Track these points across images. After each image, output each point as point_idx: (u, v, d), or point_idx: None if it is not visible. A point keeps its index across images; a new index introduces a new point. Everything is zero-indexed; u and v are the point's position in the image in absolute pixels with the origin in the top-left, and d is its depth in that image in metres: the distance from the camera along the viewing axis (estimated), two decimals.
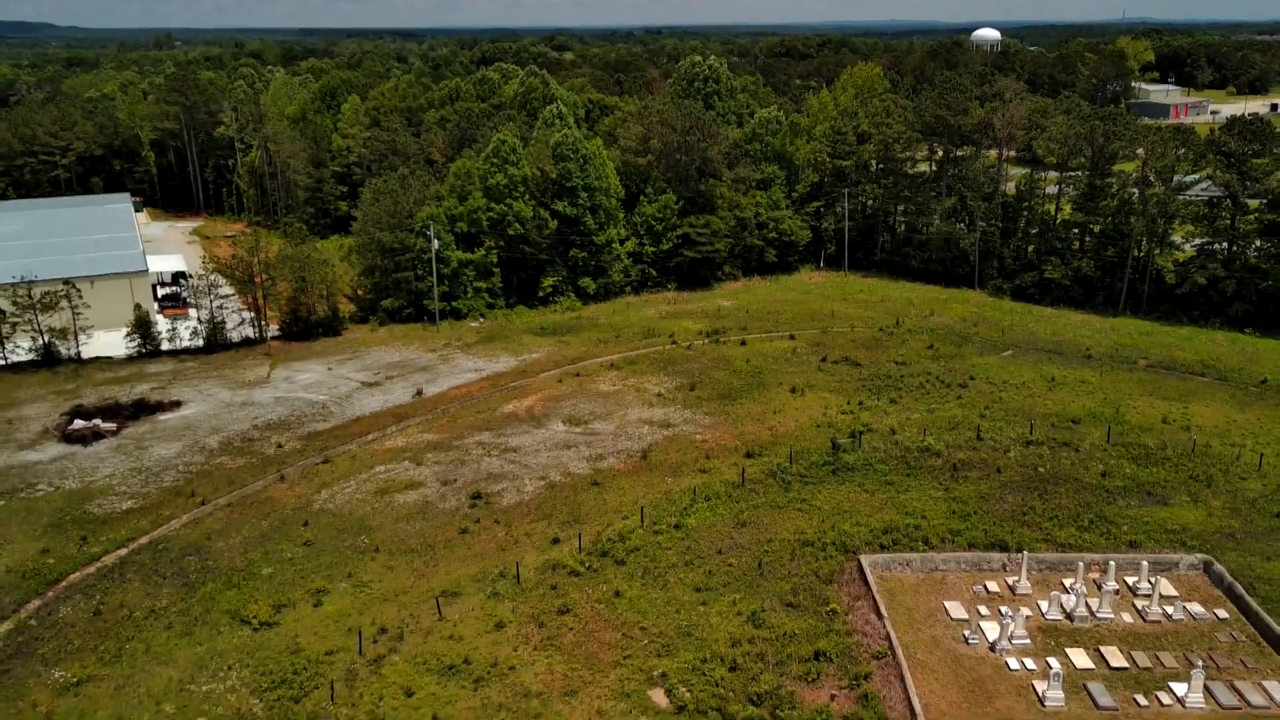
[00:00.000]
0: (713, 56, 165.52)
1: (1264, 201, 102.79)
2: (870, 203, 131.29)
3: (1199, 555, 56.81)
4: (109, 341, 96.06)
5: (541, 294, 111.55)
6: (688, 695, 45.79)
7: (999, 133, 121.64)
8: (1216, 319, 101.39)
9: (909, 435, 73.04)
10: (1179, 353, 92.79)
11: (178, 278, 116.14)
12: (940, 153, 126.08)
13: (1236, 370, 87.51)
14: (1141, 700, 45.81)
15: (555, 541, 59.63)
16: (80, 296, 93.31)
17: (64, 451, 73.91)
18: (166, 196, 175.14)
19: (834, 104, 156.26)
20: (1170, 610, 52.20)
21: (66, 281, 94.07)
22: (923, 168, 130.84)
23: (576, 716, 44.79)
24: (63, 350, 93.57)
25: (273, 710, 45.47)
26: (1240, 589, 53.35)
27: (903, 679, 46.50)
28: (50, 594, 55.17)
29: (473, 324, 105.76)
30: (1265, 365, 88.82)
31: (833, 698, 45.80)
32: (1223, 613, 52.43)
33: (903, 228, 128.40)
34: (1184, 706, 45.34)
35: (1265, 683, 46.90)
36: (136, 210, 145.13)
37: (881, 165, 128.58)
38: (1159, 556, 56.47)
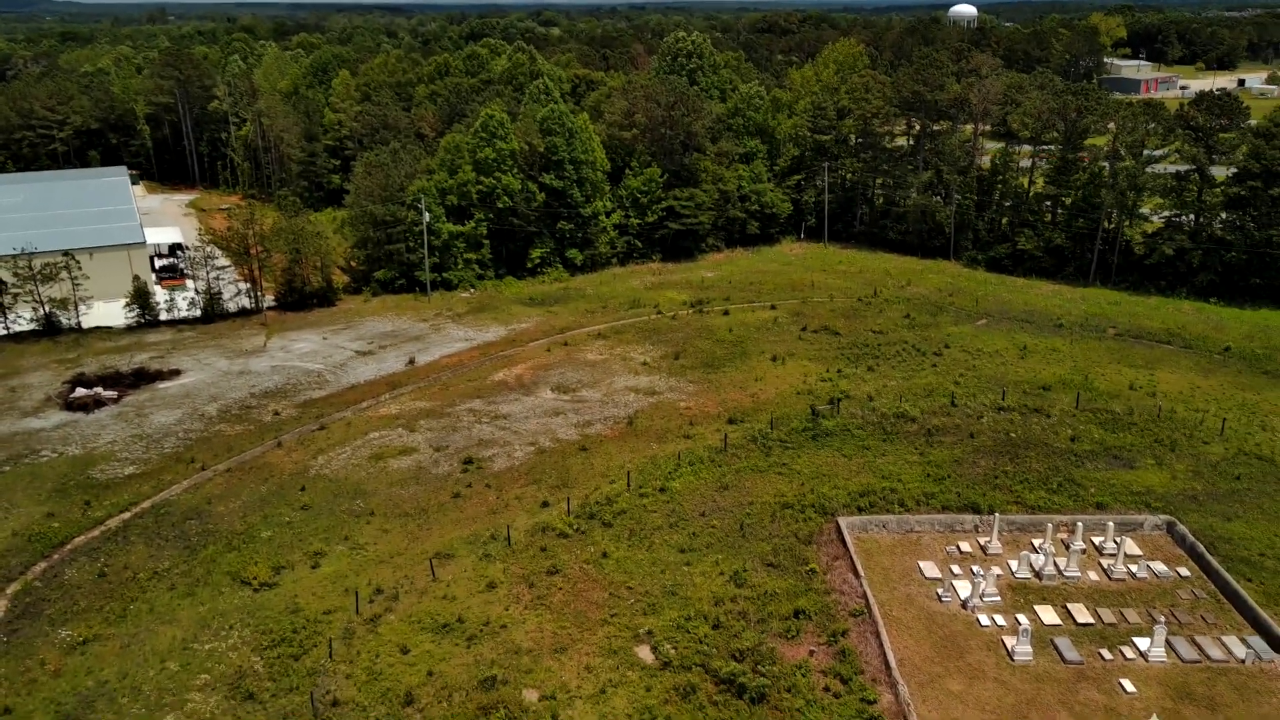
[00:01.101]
0: (696, 32, 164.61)
1: (1230, 175, 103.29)
2: (849, 176, 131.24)
3: (1163, 516, 57.60)
4: (108, 312, 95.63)
5: (530, 265, 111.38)
6: (672, 652, 46.33)
7: (975, 108, 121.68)
8: (1183, 289, 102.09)
9: (886, 402, 73.50)
10: (1146, 321, 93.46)
11: (175, 249, 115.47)
12: (917, 127, 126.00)
13: (1201, 338, 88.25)
14: (1106, 654, 46.59)
15: (545, 505, 59.98)
16: (79, 268, 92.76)
17: (66, 419, 73.78)
18: (162, 170, 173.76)
19: (816, 79, 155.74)
20: (1134, 569, 52.96)
21: (66, 253, 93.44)
22: (900, 142, 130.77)
23: (566, 672, 45.29)
24: (63, 320, 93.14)
25: (273, 667, 45.84)
26: (1202, 548, 54.14)
27: (879, 635, 47.14)
28: (56, 556, 55.29)
29: (463, 294, 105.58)
30: (1229, 334, 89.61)
31: (811, 653, 46.42)
32: (1185, 571, 53.25)
33: (881, 200, 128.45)
34: (1146, 660, 46.17)
35: (1224, 638, 47.76)
36: (133, 183, 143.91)
37: (860, 140, 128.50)
38: (1124, 517, 57.21)
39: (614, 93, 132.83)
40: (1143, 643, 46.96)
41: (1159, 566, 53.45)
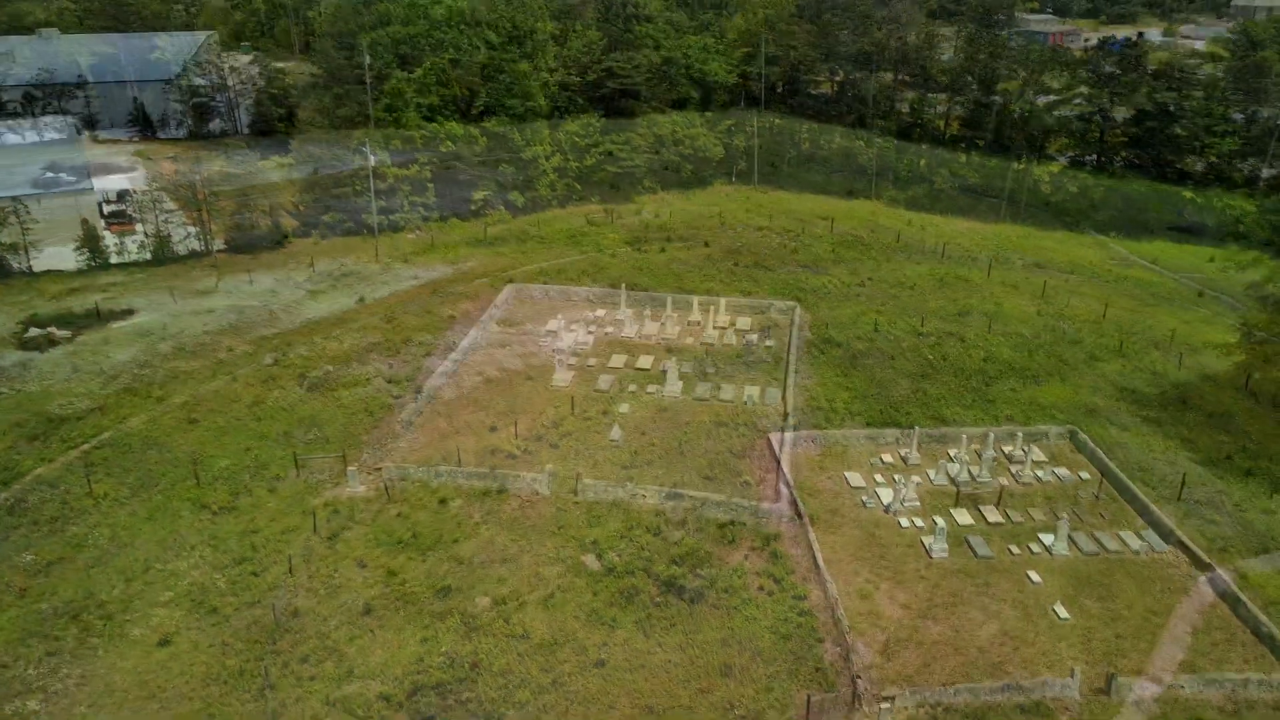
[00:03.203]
0: None
1: (1129, 117, 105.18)
2: (778, 121, 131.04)
3: (1066, 426, 59.38)
4: (59, 256, 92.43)
5: (473, 207, 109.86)
6: (616, 559, 46.94)
7: (894, 55, 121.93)
8: (1086, 223, 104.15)
9: (814, 330, 74.28)
10: (1052, 254, 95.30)
11: (122, 195, 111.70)
12: (841, 74, 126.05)
13: (1101, 268, 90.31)
14: (1014, 550, 48.19)
15: (493, 429, 59.92)
16: (28, 213, 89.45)
17: (22, 358, 71.56)
18: (108, 119, 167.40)
19: (746, 28, 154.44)
20: (1040, 474, 54.71)
21: (14, 199, 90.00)
22: (825, 88, 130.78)
23: (516, 580, 45.67)
24: (14, 264, 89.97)
25: (235, 584, 45.59)
26: (1101, 454, 56.01)
27: (808, 539, 48.19)
28: (17, 486, 53.96)
29: (409, 236, 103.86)
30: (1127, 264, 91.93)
31: (746, 557, 47.32)
32: (1085, 475, 55.11)
33: (807, 144, 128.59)
34: (1050, 554, 47.88)
35: (1120, 532, 49.63)
36: (78, 133, 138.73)
37: (788, 86, 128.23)
38: (1031, 429, 58.86)
39: (552, 40, 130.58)
40: (1047, 538, 48.66)
41: (1062, 471, 55.23)
